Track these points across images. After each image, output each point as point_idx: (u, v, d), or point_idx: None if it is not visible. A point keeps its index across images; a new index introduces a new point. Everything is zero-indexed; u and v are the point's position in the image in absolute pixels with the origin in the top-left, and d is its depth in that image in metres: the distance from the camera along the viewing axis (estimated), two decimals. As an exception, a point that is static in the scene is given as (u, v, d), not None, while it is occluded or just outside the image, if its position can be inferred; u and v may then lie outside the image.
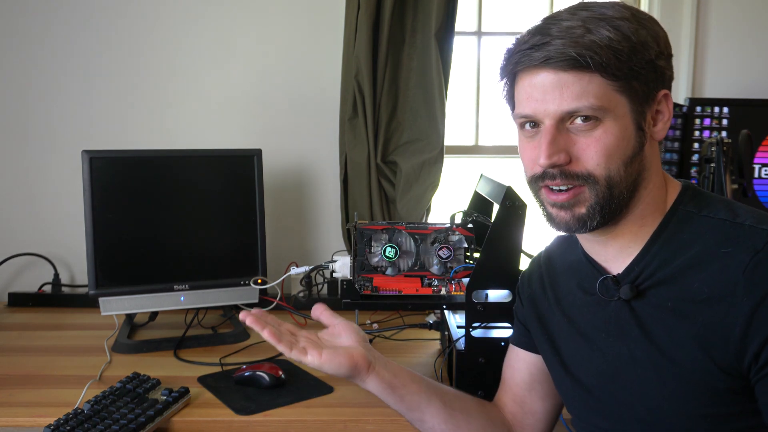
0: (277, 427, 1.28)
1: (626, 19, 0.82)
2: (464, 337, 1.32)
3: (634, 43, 0.81)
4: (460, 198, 1.76)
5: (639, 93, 0.84)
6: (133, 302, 1.68)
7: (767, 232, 0.79)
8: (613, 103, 0.82)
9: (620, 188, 0.84)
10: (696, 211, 0.86)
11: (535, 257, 1.13)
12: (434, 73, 1.91)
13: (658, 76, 0.85)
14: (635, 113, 0.84)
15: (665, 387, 0.85)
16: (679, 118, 2.01)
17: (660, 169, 0.90)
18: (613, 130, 0.83)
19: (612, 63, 0.80)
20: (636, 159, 0.85)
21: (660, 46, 0.84)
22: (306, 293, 1.68)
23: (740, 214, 0.84)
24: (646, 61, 0.82)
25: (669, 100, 0.87)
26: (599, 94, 0.82)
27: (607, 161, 0.83)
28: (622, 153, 0.83)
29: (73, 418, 1.19)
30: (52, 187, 2.04)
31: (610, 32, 0.80)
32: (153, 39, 2.02)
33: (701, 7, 2.10)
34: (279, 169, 2.05)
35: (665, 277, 0.85)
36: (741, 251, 0.79)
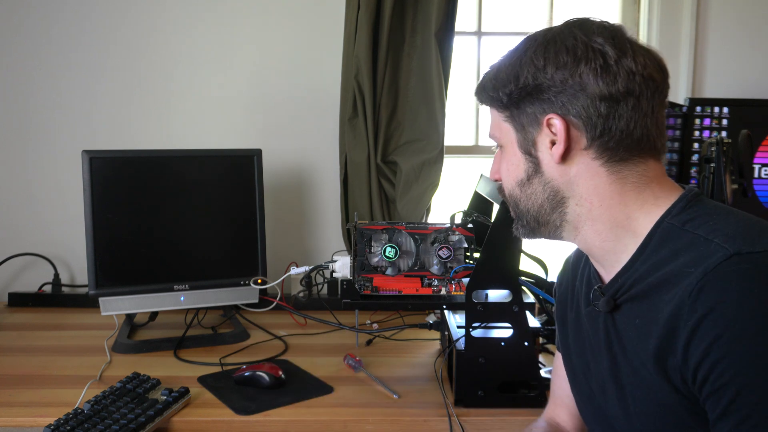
0: (277, 427, 1.28)
1: (510, 55, 0.90)
2: (464, 337, 1.32)
3: (505, 76, 0.88)
4: (460, 198, 1.76)
5: (520, 120, 0.89)
6: (133, 302, 1.68)
7: (725, 251, 0.75)
8: (503, 131, 0.92)
9: (524, 204, 0.92)
10: (679, 225, 0.83)
11: (567, 257, 1.12)
12: (434, 73, 1.91)
13: (536, 102, 0.87)
14: (520, 140, 0.90)
15: (637, 402, 0.86)
16: (679, 118, 2.01)
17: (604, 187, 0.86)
18: (506, 156, 0.93)
19: (485, 97, 0.92)
20: (533, 181, 0.90)
21: (535, 73, 0.85)
22: (306, 293, 1.67)
23: (718, 228, 0.79)
24: (511, 91, 0.88)
25: (560, 123, 0.85)
26: (494, 125, 0.94)
27: (505, 181, 0.95)
28: (514, 176, 0.92)
29: (73, 418, 1.19)
30: (52, 187, 2.04)
31: (492, 69, 0.92)
32: (153, 39, 2.02)
33: (701, 7, 2.10)
34: (279, 169, 2.05)
35: (638, 293, 0.85)
36: (696, 271, 0.76)
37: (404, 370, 1.51)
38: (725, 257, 0.74)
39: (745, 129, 1.78)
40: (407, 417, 1.29)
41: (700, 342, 0.74)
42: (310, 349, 1.64)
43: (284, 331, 1.75)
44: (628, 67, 0.83)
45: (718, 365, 0.72)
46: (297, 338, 1.71)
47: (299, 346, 1.66)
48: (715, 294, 0.73)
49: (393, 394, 1.37)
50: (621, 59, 0.83)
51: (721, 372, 0.72)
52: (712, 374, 0.73)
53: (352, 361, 1.50)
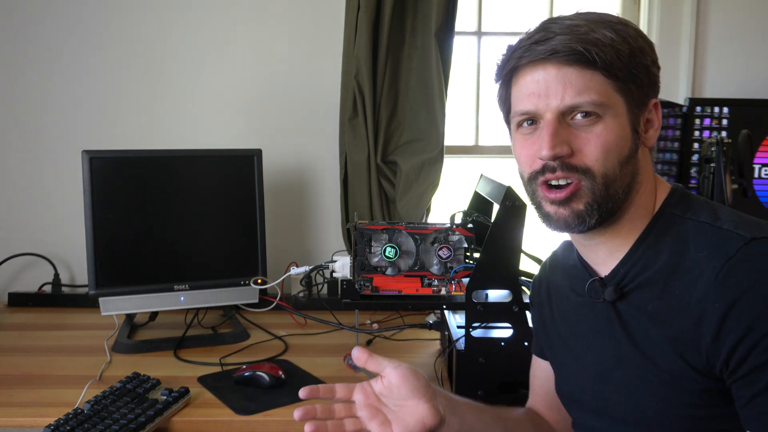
0: (277, 427, 1.28)
1: (625, 24, 0.86)
2: (464, 337, 1.32)
3: (633, 47, 0.84)
4: (460, 198, 1.76)
5: (635, 96, 0.86)
6: (133, 302, 1.68)
7: (742, 237, 0.79)
8: (613, 101, 0.84)
9: (615, 187, 0.85)
10: (680, 214, 0.87)
11: (543, 263, 1.13)
12: (434, 73, 1.91)
13: (651, 84, 0.87)
14: (631, 115, 0.86)
15: (648, 388, 0.87)
16: (679, 118, 2.00)
17: (651, 174, 0.91)
18: (613, 128, 0.84)
19: (615, 62, 0.82)
20: (631, 161, 0.86)
21: (654, 55, 0.87)
22: (306, 293, 1.68)
23: (721, 217, 0.83)
24: (643, 66, 0.85)
25: (659, 110, 0.89)
26: (601, 91, 0.83)
27: (605, 158, 0.84)
28: (619, 152, 0.85)
29: (73, 418, 1.19)
30: (52, 187, 2.04)
31: (612, 33, 0.83)
32: (153, 39, 2.02)
33: (701, 7, 2.10)
34: (279, 169, 2.05)
35: (646, 280, 0.86)
36: (715, 256, 0.79)
37: (404, 370, 1.51)
38: (744, 242, 0.78)
39: (745, 129, 1.78)
40: (407, 417, 1.28)
41: (737, 323, 0.76)
42: (310, 349, 1.64)
43: (284, 331, 1.75)
44: None
45: (761, 342, 0.74)
46: (297, 338, 1.71)
47: (299, 346, 1.66)
48: (744, 276, 0.76)
49: (393, 394, 1.37)
50: None
51: (764, 348, 0.74)
52: (754, 352, 0.75)
53: (351, 362, 1.50)
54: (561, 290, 1.03)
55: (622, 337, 0.89)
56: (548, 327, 1.07)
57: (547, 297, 1.08)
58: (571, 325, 1.00)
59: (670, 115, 1.99)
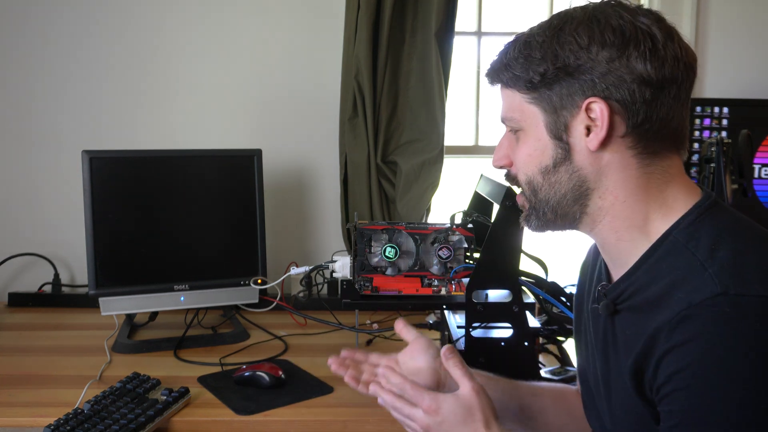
0: (277, 427, 1.28)
1: (541, 31, 0.84)
2: (464, 337, 1.32)
3: (534, 57, 0.83)
4: (460, 198, 1.76)
5: (551, 103, 0.84)
6: (133, 302, 1.68)
7: (713, 288, 0.74)
8: (526, 114, 0.86)
9: (545, 194, 0.87)
10: (683, 242, 0.81)
11: (589, 249, 1.10)
12: (434, 73, 1.91)
13: (573, 84, 0.81)
14: (549, 123, 0.84)
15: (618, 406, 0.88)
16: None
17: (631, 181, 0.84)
18: (527, 140, 0.87)
19: (507, 78, 0.86)
20: (559, 169, 0.85)
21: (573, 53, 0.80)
22: (306, 293, 1.68)
23: (717, 256, 0.77)
24: (543, 72, 0.82)
25: (602, 108, 0.80)
26: (513, 107, 0.88)
27: (524, 168, 0.89)
28: (537, 162, 0.87)
29: (73, 418, 1.19)
30: (52, 187, 2.04)
31: (515, 49, 0.85)
32: (153, 39, 2.02)
33: (701, 7, 2.10)
34: (279, 169, 2.05)
35: (636, 304, 0.84)
36: (684, 300, 0.75)
37: (404, 370, 1.51)
38: (712, 294, 0.74)
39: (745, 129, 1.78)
40: (407, 417, 1.29)
41: (667, 367, 0.76)
42: (310, 349, 1.64)
43: (284, 331, 1.74)
44: (675, 52, 0.81)
45: (675, 393, 0.76)
46: (297, 338, 1.71)
47: (299, 346, 1.66)
48: (691, 329, 0.74)
49: (393, 394, 1.37)
50: (668, 43, 0.80)
51: (675, 399, 0.76)
52: (668, 398, 0.77)
53: (352, 361, 1.50)
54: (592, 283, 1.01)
55: (611, 352, 0.89)
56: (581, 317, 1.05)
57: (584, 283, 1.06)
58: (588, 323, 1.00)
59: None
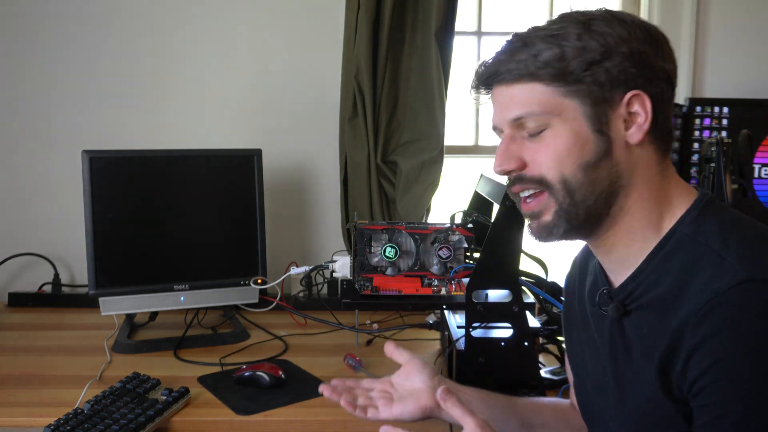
0: (277, 427, 1.28)
1: (572, 24, 0.82)
2: (464, 337, 1.32)
3: (572, 48, 0.81)
4: (460, 198, 1.76)
5: (592, 96, 0.82)
6: (133, 302, 1.68)
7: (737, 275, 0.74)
8: (559, 107, 0.83)
9: (583, 193, 0.83)
10: (692, 235, 0.81)
11: (574, 259, 1.11)
12: (434, 73, 1.91)
13: (617, 77, 0.81)
14: (591, 117, 0.82)
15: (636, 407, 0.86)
16: (679, 118, 2.01)
17: (654, 178, 0.85)
18: (562, 134, 0.83)
19: (544, 71, 0.82)
20: (601, 165, 0.83)
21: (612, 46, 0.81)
22: (306, 293, 1.68)
23: (731, 244, 0.78)
24: (588, 64, 0.81)
25: (644, 101, 0.83)
26: (543, 101, 0.83)
27: (558, 165, 0.83)
28: (576, 157, 0.83)
29: (73, 418, 1.19)
30: (52, 187, 2.04)
31: (545, 42, 0.82)
32: (153, 39, 2.02)
33: (701, 7, 2.10)
34: (279, 169, 2.05)
35: (648, 302, 0.83)
36: (708, 290, 0.75)
37: (404, 370, 1.51)
38: (738, 281, 0.74)
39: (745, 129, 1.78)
40: (407, 417, 1.29)
41: (702, 360, 0.75)
42: (310, 349, 1.64)
43: (284, 331, 1.74)
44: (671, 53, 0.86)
45: (713, 384, 0.74)
46: (297, 338, 1.71)
47: (299, 346, 1.66)
48: (722, 317, 0.74)
49: (393, 394, 1.37)
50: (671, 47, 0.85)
51: (714, 390, 0.74)
52: (706, 390, 0.75)
53: (352, 361, 1.50)
54: (585, 290, 1.01)
55: (621, 355, 0.88)
56: (571, 327, 1.05)
57: (573, 293, 1.06)
58: (586, 330, 0.99)
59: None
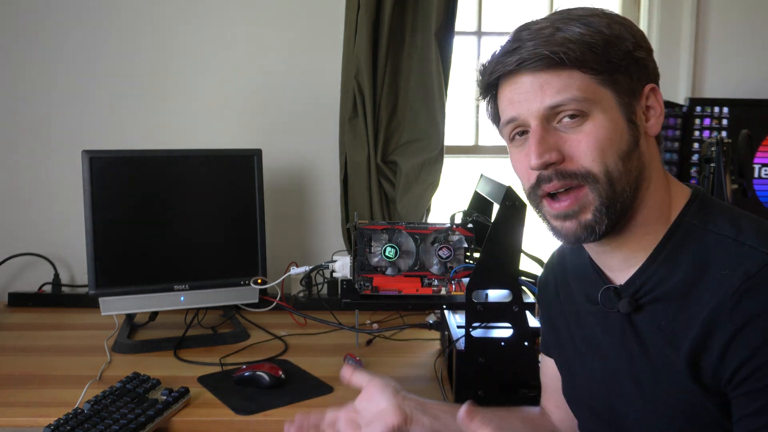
0: (277, 427, 1.27)
1: (597, 15, 0.82)
2: (464, 337, 1.32)
3: (607, 35, 0.80)
4: (460, 198, 1.76)
5: (624, 86, 0.82)
6: (133, 302, 1.68)
7: (764, 255, 0.75)
8: (599, 96, 0.80)
9: (622, 185, 0.81)
10: (701, 225, 0.82)
11: (549, 259, 1.10)
12: (434, 73, 1.91)
13: (641, 69, 0.83)
14: (623, 106, 0.82)
15: (660, 406, 0.85)
16: (679, 118, 2.01)
17: (661, 170, 0.87)
18: (604, 123, 0.80)
19: (588, 56, 0.79)
20: (633, 155, 0.82)
21: (636, 38, 0.83)
22: (306, 293, 1.68)
23: (744, 230, 0.79)
24: (624, 53, 0.81)
25: (658, 95, 0.85)
26: (582, 88, 0.80)
27: (602, 156, 0.80)
28: (616, 147, 0.80)
29: (73, 418, 1.19)
30: (52, 187, 2.04)
31: (580, 28, 0.80)
32: (153, 39, 2.02)
33: (701, 7, 2.10)
34: (279, 169, 2.05)
35: (663, 294, 0.83)
36: (735, 274, 0.75)
37: (404, 370, 1.51)
38: (765, 262, 0.75)
39: (745, 129, 1.78)
40: (407, 417, 1.28)
41: (745, 344, 0.74)
42: (310, 349, 1.64)
43: (284, 331, 1.75)
44: None
45: (759, 371, 0.73)
46: (297, 338, 1.71)
47: (299, 346, 1.66)
48: (761, 298, 0.74)
49: (393, 394, 1.37)
50: None
51: (760, 377, 0.73)
52: (755, 375, 0.74)
53: (352, 361, 1.50)
54: (571, 291, 1.01)
55: (637, 351, 0.87)
56: (556, 327, 1.05)
57: (555, 295, 1.05)
58: (583, 330, 0.98)
59: (670, 115, 1.99)
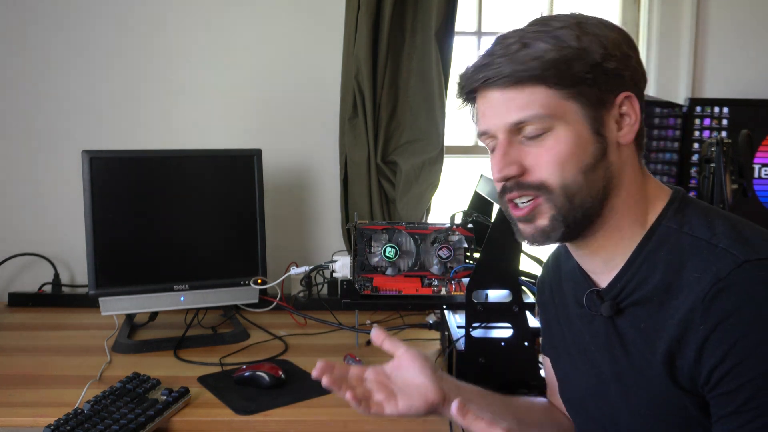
0: (277, 427, 1.28)
1: (568, 27, 0.83)
2: (464, 337, 1.32)
3: (573, 49, 0.81)
4: (460, 198, 1.76)
5: (590, 98, 0.83)
6: (133, 302, 1.68)
7: (735, 258, 0.76)
8: (562, 110, 0.82)
9: (582, 197, 0.83)
10: (677, 227, 0.83)
11: (546, 260, 1.12)
12: (434, 73, 1.91)
13: (612, 79, 0.83)
14: (590, 118, 0.83)
15: (641, 402, 0.86)
16: (679, 118, 2.01)
17: (638, 174, 0.87)
18: (566, 138, 0.82)
19: (550, 73, 0.81)
20: (599, 166, 0.83)
21: (608, 48, 0.82)
22: (306, 293, 1.68)
23: (718, 232, 0.80)
24: (591, 66, 0.82)
25: (634, 102, 0.85)
26: (545, 103, 0.82)
27: (560, 170, 0.83)
28: (578, 160, 0.83)
29: (73, 418, 1.19)
30: (52, 187, 2.04)
31: (547, 43, 0.82)
32: (153, 39, 2.02)
33: (701, 7, 2.10)
34: (279, 169, 2.05)
35: (641, 297, 0.84)
36: (707, 277, 0.77)
37: (404, 370, 1.51)
38: (737, 264, 0.76)
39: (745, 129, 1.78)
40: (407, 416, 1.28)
41: (718, 345, 0.75)
42: (310, 349, 1.64)
43: (284, 331, 1.74)
44: None
45: (737, 367, 0.74)
46: (297, 338, 1.71)
47: (299, 346, 1.66)
48: (732, 300, 0.75)
49: (393, 394, 1.37)
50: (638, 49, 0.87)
51: (739, 373, 0.74)
52: (729, 375, 0.75)
53: (352, 361, 1.50)
54: (564, 294, 1.02)
55: (620, 353, 0.88)
56: (552, 329, 1.06)
57: (551, 298, 1.06)
58: (573, 333, 0.99)
59: (670, 115, 1.99)
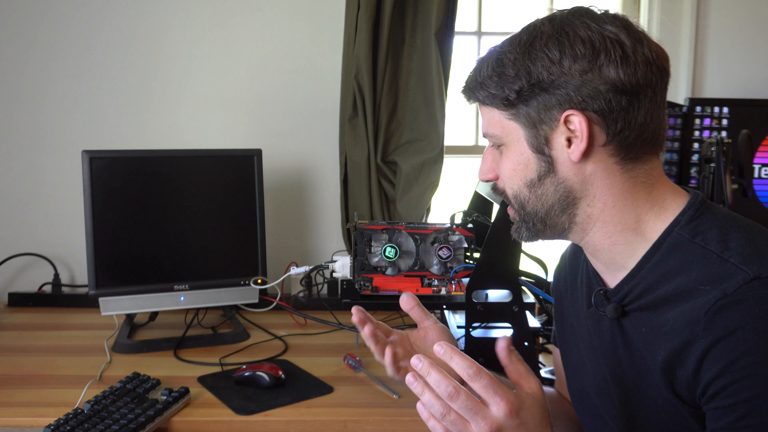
0: (277, 427, 1.28)
1: (514, 49, 0.84)
2: (464, 337, 1.32)
3: (509, 75, 0.84)
4: (460, 198, 1.76)
5: (528, 119, 0.85)
6: (133, 302, 1.68)
7: (745, 275, 0.75)
8: (507, 130, 0.88)
9: (532, 206, 0.88)
10: (689, 237, 0.82)
11: (564, 252, 1.12)
12: (434, 73, 1.91)
13: (552, 98, 0.82)
14: (531, 138, 0.86)
15: (641, 406, 0.87)
16: (679, 118, 2.01)
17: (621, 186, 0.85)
18: (510, 155, 0.89)
19: (488, 97, 0.87)
20: (544, 182, 0.86)
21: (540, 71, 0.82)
22: (306, 293, 1.68)
23: (731, 246, 0.79)
24: (528, 86, 0.83)
25: (581, 120, 0.81)
26: (494, 123, 0.89)
27: (509, 182, 0.90)
28: (521, 176, 0.88)
29: (73, 418, 1.19)
30: (52, 187, 2.04)
31: (491, 66, 0.86)
32: (153, 39, 2.02)
33: (701, 7, 2.10)
34: (279, 169, 2.05)
35: (647, 303, 0.84)
36: (714, 291, 0.76)
37: (404, 370, 1.51)
38: (745, 281, 0.75)
39: (745, 129, 1.78)
40: (407, 417, 1.29)
41: (717, 361, 0.75)
42: (310, 349, 1.64)
43: (284, 331, 1.74)
44: (645, 56, 0.81)
45: (734, 384, 0.74)
46: (297, 338, 1.71)
47: (299, 346, 1.66)
48: (736, 317, 0.74)
49: (393, 394, 1.37)
50: (638, 48, 0.81)
51: (735, 391, 0.74)
52: (726, 391, 0.75)
53: (352, 361, 1.50)
54: (577, 288, 1.02)
55: (623, 354, 0.89)
56: (564, 321, 1.06)
57: (565, 290, 1.06)
58: (582, 329, 0.99)
59: (670, 115, 1.99)
